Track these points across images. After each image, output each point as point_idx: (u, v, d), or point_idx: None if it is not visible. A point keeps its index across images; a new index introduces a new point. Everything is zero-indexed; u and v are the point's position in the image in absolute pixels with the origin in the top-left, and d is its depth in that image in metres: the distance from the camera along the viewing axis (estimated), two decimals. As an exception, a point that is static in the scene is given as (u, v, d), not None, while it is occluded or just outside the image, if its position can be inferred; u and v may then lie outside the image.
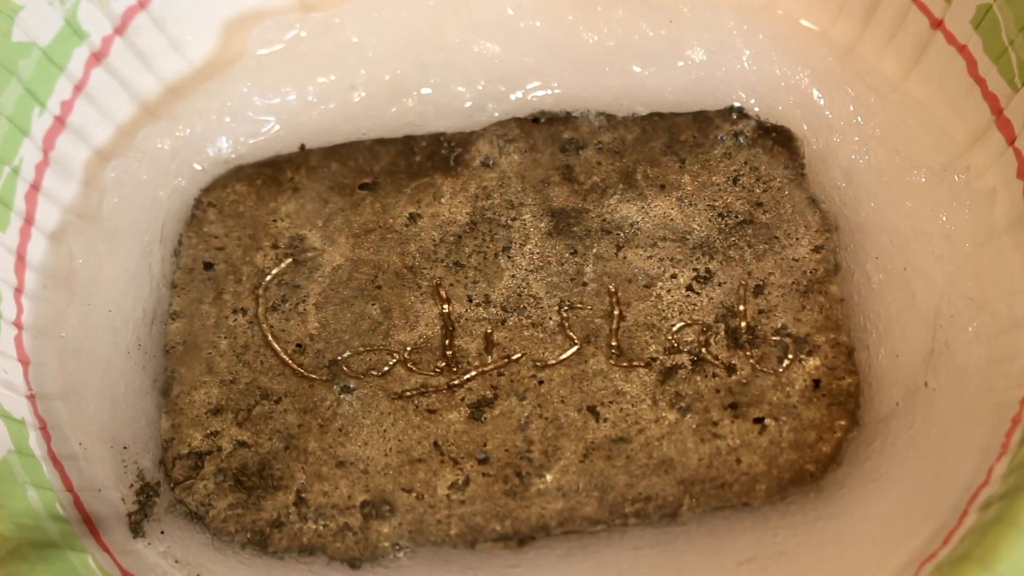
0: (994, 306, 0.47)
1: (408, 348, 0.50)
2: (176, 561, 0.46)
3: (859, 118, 0.53)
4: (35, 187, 0.51)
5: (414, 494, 0.47)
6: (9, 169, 0.49)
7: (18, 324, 0.49)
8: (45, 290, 0.50)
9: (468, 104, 0.56)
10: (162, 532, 0.47)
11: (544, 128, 0.55)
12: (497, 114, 0.56)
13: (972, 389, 0.46)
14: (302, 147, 0.56)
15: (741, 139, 0.54)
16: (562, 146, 0.54)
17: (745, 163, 0.53)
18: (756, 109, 0.55)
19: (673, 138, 0.54)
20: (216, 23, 0.58)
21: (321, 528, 0.46)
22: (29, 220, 0.50)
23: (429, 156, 0.55)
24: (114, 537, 0.46)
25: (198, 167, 0.55)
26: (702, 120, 0.55)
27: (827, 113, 0.54)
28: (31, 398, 0.48)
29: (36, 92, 0.51)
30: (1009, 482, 0.40)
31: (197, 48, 0.57)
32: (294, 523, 0.47)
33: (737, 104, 0.55)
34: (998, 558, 0.36)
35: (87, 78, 0.53)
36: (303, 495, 0.47)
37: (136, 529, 0.47)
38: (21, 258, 0.50)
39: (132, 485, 0.48)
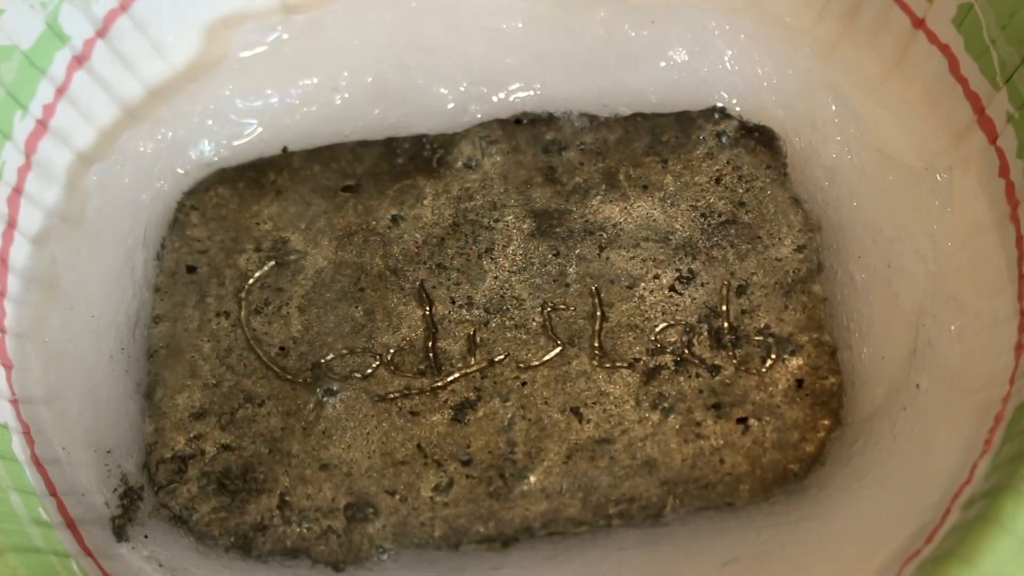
0: (976, 304, 0.47)
1: (391, 350, 0.50)
2: (160, 565, 0.46)
3: (842, 118, 0.53)
4: (17, 191, 0.51)
5: (397, 496, 0.47)
6: None
7: (1, 328, 0.49)
8: (28, 294, 0.50)
9: (450, 106, 0.56)
10: (146, 536, 0.47)
11: (526, 129, 0.55)
12: (479, 115, 0.56)
13: (955, 388, 0.46)
14: (284, 149, 0.55)
15: (723, 139, 0.54)
16: (544, 147, 0.54)
17: (727, 163, 0.53)
18: (738, 109, 0.55)
19: (655, 139, 0.54)
20: (198, 26, 0.58)
21: (305, 531, 0.46)
22: (12, 224, 0.50)
23: (411, 158, 0.55)
24: (98, 541, 0.46)
25: (180, 171, 0.55)
26: (684, 120, 0.55)
27: (810, 112, 0.54)
28: (14, 402, 0.48)
29: (18, 95, 0.51)
30: (991, 480, 0.40)
31: (179, 51, 0.57)
32: (278, 526, 0.46)
33: (719, 104, 0.55)
34: (980, 555, 0.36)
35: (69, 81, 0.53)
36: (286, 498, 0.47)
37: (120, 533, 0.47)
38: (4, 262, 0.50)
39: (116, 489, 0.48)
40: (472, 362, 0.49)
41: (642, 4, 0.57)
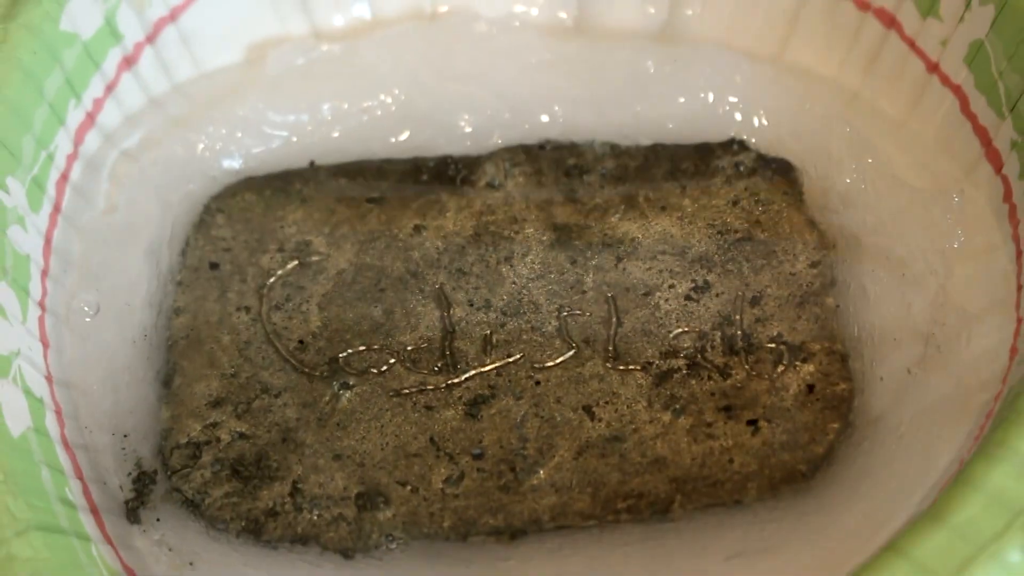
0: (981, 314, 0.48)
1: (408, 348, 0.51)
2: (170, 549, 0.46)
3: (858, 151, 0.54)
4: (64, 177, 0.52)
5: (409, 487, 0.47)
6: (46, 154, 0.51)
7: (42, 305, 0.49)
8: (64, 276, 0.51)
9: (475, 131, 0.58)
10: (158, 519, 0.47)
11: (549, 155, 0.56)
12: (502, 141, 0.58)
13: (959, 392, 0.46)
14: (312, 164, 0.57)
15: (741, 168, 0.55)
16: (566, 171, 0.56)
17: (745, 188, 0.55)
18: (754, 141, 0.57)
19: (675, 166, 0.56)
20: (238, 43, 0.60)
21: (315, 518, 0.47)
22: (57, 208, 0.51)
23: (436, 176, 0.56)
24: (117, 530, 0.46)
25: (210, 176, 0.57)
26: (703, 151, 0.56)
27: (826, 146, 0.55)
28: (48, 379, 0.48)
29: (75, 84, 0.52)
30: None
31: (218, 64, 0.59)
32: (289, 513, 0.47)
33: (739, 138, 0.57)
34: (950, 511, 0.36)
35: (118, 80, 0.55)
36: (299, 486, 0.47)
37: (132, 516, 0.47)
38: (48, 242, 0.51)
39: (130, 473, 0.48)
40: (487, 361, 0.50)
41: (666, 42, 0.58)
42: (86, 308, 0.51)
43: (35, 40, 0.50)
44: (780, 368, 0.49)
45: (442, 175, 0.56)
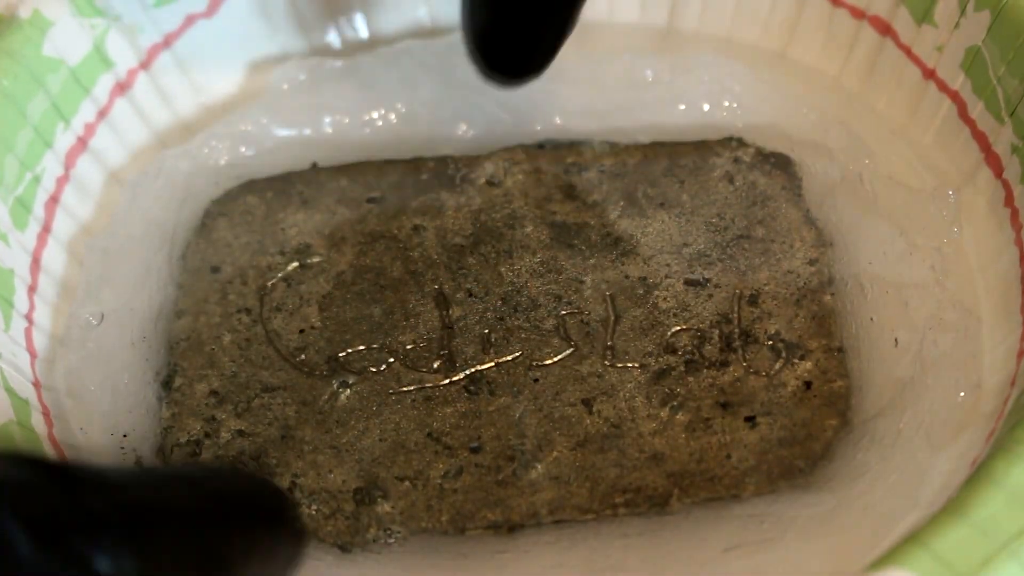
0: (982, 314, 0.48)
1: (408, 347, 0.51)
2: (169, 545, 0.46)
3: (857, 154, 0.55)
4: (54, 199, 0.52)
5: (407, 482, 0.47)
6: (31, 176, 0.51)
7: (29, 319, 0.50)
8: (55, 291, 0.52)
9: (476, 139, 0.58)
10: (156, 512, 0.47)
11: (549, 154, 0.57)
12: (502, 144, 0.58)
13: (959, 390, 0.46)
14: (314, 166, 0.57)
15: (740, 164, 0.56)
16: (565, 168, 0.56)
17: (743, 181, 0.55)
18: (756, 141, 0.57)
19: (673, 163, 0.56)
20: (236, 66, 0.60)
21: (313, 512, 0.47)
22: (46, 228, 0.52)
23: (435, 175, 0.56)
24: None
25: (211, 186, 0.57)
26: (702, 148, 0.57)
27: (827, 155, 0.55)
28: (36, 385, 0.48)
29: (62, 109, 0.52)
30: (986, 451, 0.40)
31: (217, 86, 0.60)
32: (287, 507, 0.47)
33: (737, 137, 0.57)
34: (972, 507, 0.36)
35: (111, 106, 0.55)
36: (297, 481, 0.47)
37: (131, 511, 0.47)
38: (36, 260, 0.51)
39: (129, 472, 0.49)
40: (486, 359, 0.50)
41: (665, 52, 0.59)
42: (92, 320, 0.51)
43: (15, 65, 0.51)
44: (778, 365, 0.49)
45: (441, 174, 0.56)
